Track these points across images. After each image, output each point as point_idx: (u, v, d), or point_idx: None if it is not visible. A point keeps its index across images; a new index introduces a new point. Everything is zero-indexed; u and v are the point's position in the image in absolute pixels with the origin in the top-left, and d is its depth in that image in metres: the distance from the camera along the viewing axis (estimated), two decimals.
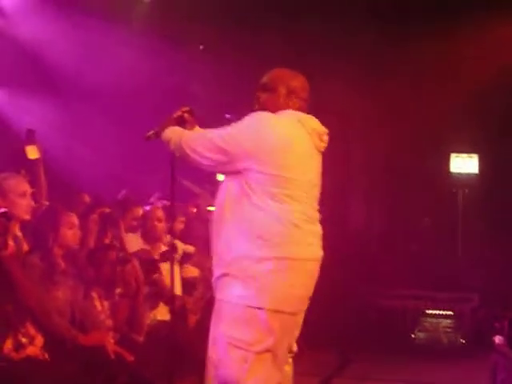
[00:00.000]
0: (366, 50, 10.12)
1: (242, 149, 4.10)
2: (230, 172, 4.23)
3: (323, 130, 4.34)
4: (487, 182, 10.53)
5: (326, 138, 4.35)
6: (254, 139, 4.10)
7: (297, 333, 4.30)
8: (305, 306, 4.25)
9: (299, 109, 4.31)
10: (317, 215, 4.30)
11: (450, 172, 10.70)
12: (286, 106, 4.30)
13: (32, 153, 6.34)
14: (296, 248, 4.12)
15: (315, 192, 4.32)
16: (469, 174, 10.58)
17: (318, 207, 4.33)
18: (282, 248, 4.07)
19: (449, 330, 9.51)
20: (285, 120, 4.22)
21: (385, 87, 9.90)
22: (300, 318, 4.27)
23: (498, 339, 6.41)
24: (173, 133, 4.38)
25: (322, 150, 4.37)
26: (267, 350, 4.06)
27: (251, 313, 4.04)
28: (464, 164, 10.63)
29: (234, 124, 4.22)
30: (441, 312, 9.60)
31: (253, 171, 4.11)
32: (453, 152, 10.75)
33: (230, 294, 4.10)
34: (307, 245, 4.18)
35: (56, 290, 5.25)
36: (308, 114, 4.35)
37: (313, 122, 4.31)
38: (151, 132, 4.54)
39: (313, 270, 4.23)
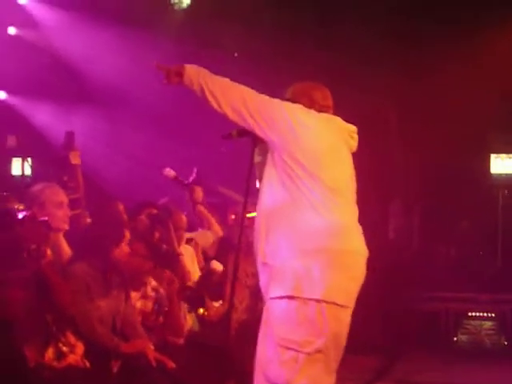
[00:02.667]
0: (401, 52, 10.08)
1: (290, 123, 4.14)
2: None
3: (353, 128, 4.38)
4: None
5: (356, 136, 4.40)
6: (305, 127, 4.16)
7: (345, 331, 4.21)
8: (353, 301, 4.20)
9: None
10: (357, 212, 4.32)
11: (490, 173, 10.62)
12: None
13: (75, 158, 6.38)
14: (343, 240, 4.13)
15: (353, 188, 4.34)
16: (508, 175, 10.49)
17: (353, 200, 4.35)
18: (329, 240, 4.09)
19: (491, 331, 9.43)
20: (319, 119, 4.27)
21: (423, 89, 9.86)
22: (348, 316, 4.19)
23: None
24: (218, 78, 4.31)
25: (354, 148, 4.41)
26: (318, 351, 4.02)
27: (303, 307, 4.01)
28: (504, 165, 10.54)
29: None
30: (483, 314, 9.53)
31: (291, 168, 4.12)
32: (493, 153, 10.65)
33: (281, 289, 4.06)
34: (354, 239, 4.21)
35: (101, 300, 5.28)
36: None
37: (341, 122, 4.35)
38: (234, 131, 4.38)
39: (361, 263, 4.22)
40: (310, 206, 4.09)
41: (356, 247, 4.20)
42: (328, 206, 4.12)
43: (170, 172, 7.17)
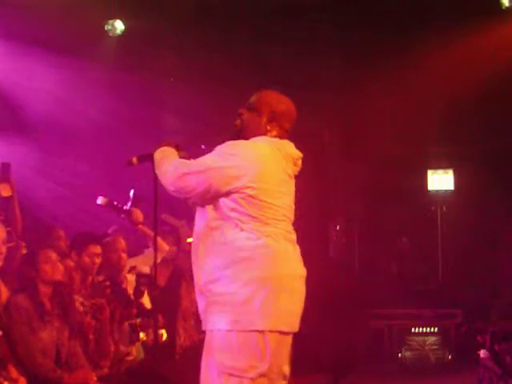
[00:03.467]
0: (335, 65, 10.18)
1: (227, 177, 4.07)
2: (208, 203, 4.20)
3: (298, 154, 4.34)
4: (463, 198, 10.56)
5: (299, 162, 4.36)
6: (238, 165, 4.09)
7: (287, 353, 4.22)
8: (297, 324, 4.21)
9: (277, 136, 4.29)
10: (295, 236, 4.31)
11: (427, 190, 10.74)
12: (264, 131, 4.28)
13: (5, 190, 6.26)
14: (281, 266, 4.11)
15: (291, 214, 4.33)
16: (446, 191, 10.62)
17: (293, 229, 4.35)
18: (268, 267, 4.06)
19: (435, 347, 9.52)
20: (262, 145, 4.21)
21: (358, 104, 9.93)
22: (290, 338, 4.21)
23: (482, 353, 6.44)
24: (165, 154, 4.30)
25: (296, 174, 4.38)
26: (262, 375, 4.02)
27: (245, 337, 3.99)
28: (441, 181, 10.67)
29: (214, 153, 4.17)
30: (426, 329, 9.61)
31: (232, 196, 4.10)
32: (430, 169, 10.78)
33: (221, 322, 4.03)
34: (292, 263, 4.20)
35: (42, 330, 5.23)
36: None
37: (288, 148, 4.30)
38: (134, 157, 4.45)
39: (300, 287, 4.23)
40: (245, 230, 4.09)
41: (294, 271, 4.20)
42: (265, 231, 4.10)
43: (103, 200, 7.06)
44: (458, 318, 9.60)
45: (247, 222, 4.08)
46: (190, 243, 7.79)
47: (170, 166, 4.19)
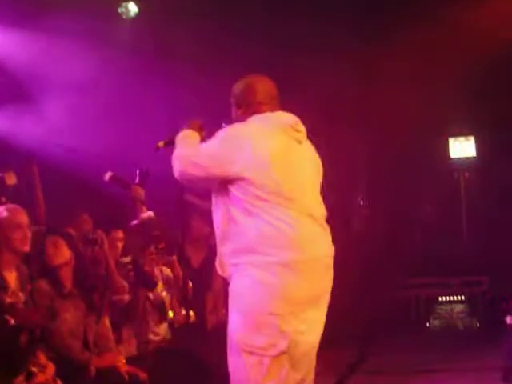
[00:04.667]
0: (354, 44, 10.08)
1: (223, 163, 4.08)
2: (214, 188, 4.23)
3: (294, 120, 4.29)
4: (486, 164, 10.51)
5: (300, 127, 4.30)
6: (231, 150, 4.09)
7: (316, 330, 4.20)
8: (320, 302, 4.18)
9: (260, 112, 4.27)
10: (318, 211, 4.24)
11: (450, 157, 10.69)
12: (245, 119, 4.26)
13: (10, 179, 6.33)
14: (296, 250, 4.05)
15: (312, 187, 4.28)
16: (467, 158, 10.56)
17: (319, 201, 4.29)
18: (283, 252, 4.01)
19: (463, 315, 9.51)
20: (256, 127, 4.19)
21: (380, 75, 9.86)
22: (320, 315, 4.20)
23: (509, 319, 6.43)
24: (181, 139, 4.34)
25: (303, 139, 4.32)
26: (282, 353, 4.03)
27: (262, 319, 4.01)
28: (462, 148, 10.62)
29: (211, 140, 4.19)
30: (453, 298, 9.60)
31: (231, 182, 4.09)
32: (451, 136, 10.73)
33: (241, 303, 4.08)
34: (309, 244, 4.10)
35: (65, 311, 5.29)
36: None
37: (282, 117, 4.28)
38: (161, 142, 4.55)
39: (321, 266, 4.15)
40: (257, 215, 4.06)
41: (312, 253, 4.10)
42: (276, 214, 4.05)
43: (109, 175, 7.05)
44: (485, 286, 9.58)
45: (254, 207, 4.06)
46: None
47: (178, 154, 4.24)
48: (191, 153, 4.23)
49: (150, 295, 6.51)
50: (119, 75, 9.15)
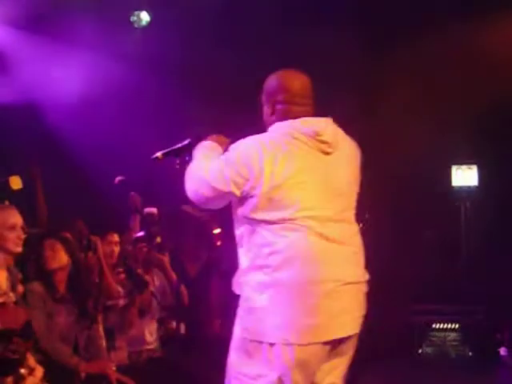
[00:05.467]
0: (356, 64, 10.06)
1: (232, 182, 3.86)
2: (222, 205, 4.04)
3: (317, 129, 3.91)
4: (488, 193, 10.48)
5: (326, 137, 3.93)
6: (239, 168, 3.83)
7: (317, 361, 3.87)
8: (329, 334, 3.80)
9: (287, 118, 3.98)
10: (341, 229, 3.90)
11: (452, 185, 10.67)
12: (272, 119, 4.04)
13: (16, 183, 6.32)
14: (300, 271, 3.74)
15: (334, 203, 3.92)
16: (470, 187, 10.54)
17: (348, 217, 3.99)
18: (281, 274, 3.74)
19: (456, 343, 9.47)
20: (270, 139, 3.89)
21: (382, 101, 9.85)
22: (338, 361, 3.94)
23: (502, 351, 6.41)
24: (198, 154, 4.13)
25: (329, 149, 3.94)
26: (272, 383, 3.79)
27: (255, 346, 3.81)
28: (465, 176, 10.59)
29: (224, 156, 3.97)
30: (447, 325, 9.56)
31: (244, 199, 3.88)
32: (454, 164, 10.70)
33: (238, 326, 3.93)
34: (318, 265, 3.77)
35: (58, 315, 5.29)
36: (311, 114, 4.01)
37: (304, 125, 3.91)
38: (160, 153, 4.44)
39: (331, 292, 3.77)
40: (261, 236, 3.83)
41: (321, 274, 3.77)
42: (283, 232, 3.79)
43: (118, 179, 7.12)
44: (480, 315, 9.53)
45: (263, 224, 3.82)
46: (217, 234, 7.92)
47: (190, 170, 4.05)
48: (202, 169, 3.98)
49: (143, 302, 6.52)
50: (128, 84, 9.17)
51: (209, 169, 3.94)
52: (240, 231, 3.98)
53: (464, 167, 10.56)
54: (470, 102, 9.53)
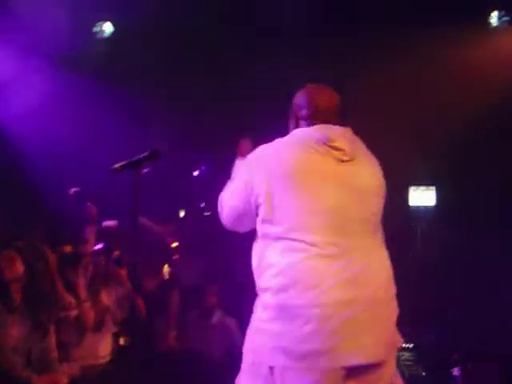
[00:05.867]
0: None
1: (242, 196, 3.76)
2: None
3: (328, 136, 3.72)
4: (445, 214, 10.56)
5: (340, 143, 3.72)
6: (246, 178, 3.73)
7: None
8: (335, 360, 3.51)
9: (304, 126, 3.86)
10: (351, 244, 3.63)
11: (408, 205, 10.73)
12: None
13: None
14: (301, 292, 3.52)
15: (344, 217, 3.65)
16: (426, 207, 10.62)
17: (354, 233, 3.68)
18: (283, 293, 3.55)
19: (409, 362, 9.51)
20: (273, 145, 3.77)
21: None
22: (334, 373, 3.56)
23: (456, 371, 6.45)
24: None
25: (346, 156, 3.73)
26: None
27: (256, 366, 3.65)
28: (422, 197, 10.67)
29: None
30: (402, 345, 9.60)
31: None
32: (411, 185, 10.77)
33: (246, 343, 3.80)
34: (322, 286, 3.52)
35: (11, 327, 5.23)
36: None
37: (314, 132, 3.74)
38: (119, 165, 4.31)
39: (332, 316, 3.49)
40: (266, 251, 3.67)
41: (318, 299, 3.50)
42: (286, 247, 3.58)
43: (73, 190, 7.09)
44: (434, 335, 9.60)
45: (267, 240, 3.66)
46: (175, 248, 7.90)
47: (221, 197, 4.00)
48: (225, 194, 3.95)
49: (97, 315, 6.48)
50: (86, 94, 9.10)
51: (226, 191, 3.92)
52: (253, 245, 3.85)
53: (422, 188, 10.63)
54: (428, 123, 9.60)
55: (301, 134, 3.76)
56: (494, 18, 9.17)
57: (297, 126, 3.89)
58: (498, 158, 9.41)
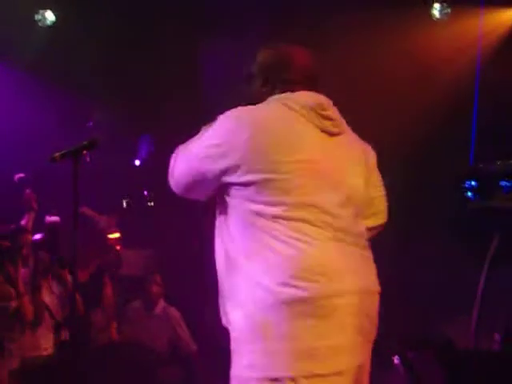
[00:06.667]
0: None
1: (210, 158, 3.08)
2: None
3: (318, 101, 3.16)
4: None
5: (329, 112, 3.17)
6: (222, 141, 3.07)
7: None
8: (348, 360, 2.99)
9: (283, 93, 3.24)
10: (344, 228, 3.09)
11: None
12: (262, 96, 3.29)
13: None
14: (312, 282, 2.93)
15: (345, 191, 3.12)
16: None
17: (352, 214, 3.16)
18: (290, 288, 2.92)
19: None
20: (261, 108, 3.18)
21: None
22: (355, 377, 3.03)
23: (396, 359, 6.54)
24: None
25: (335, 128, 3.19)
26: None
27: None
28: None
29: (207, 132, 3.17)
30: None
31: (225, 184, 3.09)
32: None
33: (239, 365, 3.05)
34: (331, 275, 2.97)
35: None
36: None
37: (302, 98, 3.16)
38: (58, 153, 4.08)
39: (345, 307, 3.00)
40: (242, 235, 3.04)
41: (330, 289, 2.95)
42: (273, 228, 2.97)
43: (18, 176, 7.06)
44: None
45: (249, 223, 3.03)
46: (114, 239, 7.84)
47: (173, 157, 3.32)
48: (181, 150, 3.25)
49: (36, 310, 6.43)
50: (31, 82, 9.00)
51: (188, 145, 3.29)
52: (218, 230, 3.24)
53: None
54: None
55: (286, 99, 3.17)
56: (435, 9, 9.15)
57: (273, 90, 3.27)
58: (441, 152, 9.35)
